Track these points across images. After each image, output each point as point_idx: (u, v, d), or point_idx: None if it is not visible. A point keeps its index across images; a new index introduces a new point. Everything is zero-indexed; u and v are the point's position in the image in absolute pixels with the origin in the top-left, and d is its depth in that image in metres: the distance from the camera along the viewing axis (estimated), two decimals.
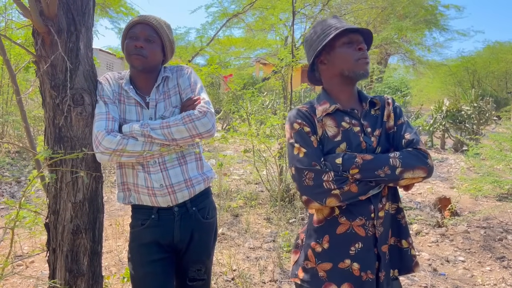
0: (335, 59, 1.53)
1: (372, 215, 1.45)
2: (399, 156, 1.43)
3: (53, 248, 1.85)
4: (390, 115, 1.57)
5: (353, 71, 1.51)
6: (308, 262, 1.51)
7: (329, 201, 1.41)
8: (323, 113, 1.52)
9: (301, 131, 1.48)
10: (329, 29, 1.53)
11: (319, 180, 1.41)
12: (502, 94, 21.47)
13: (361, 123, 1.52)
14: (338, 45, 1.52)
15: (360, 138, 1.50)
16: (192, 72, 1.90)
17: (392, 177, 1.41)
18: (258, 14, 12.19)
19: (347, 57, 1.50)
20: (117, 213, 4.85)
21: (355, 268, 1.44)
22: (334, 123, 1.51)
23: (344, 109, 1.53)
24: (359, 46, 1.50)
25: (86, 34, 1.83)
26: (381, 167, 1.41)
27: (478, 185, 5.35)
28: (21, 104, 2.12)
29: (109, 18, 13.43)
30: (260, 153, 5.23)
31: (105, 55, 17.24)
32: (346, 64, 1.51)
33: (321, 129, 1.50)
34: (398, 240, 1.55)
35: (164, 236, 1.80)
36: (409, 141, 1.50)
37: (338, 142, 1.48)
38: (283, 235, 4.00)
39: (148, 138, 1.67)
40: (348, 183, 1.40)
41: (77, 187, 1.80)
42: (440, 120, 10.61)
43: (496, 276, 3.54)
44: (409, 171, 1.41)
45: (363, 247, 1.45)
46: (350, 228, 1.45)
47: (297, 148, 1.46)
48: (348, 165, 1.41)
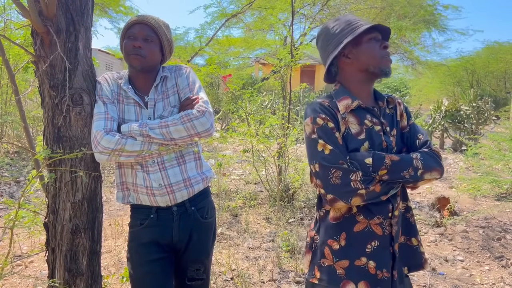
0: (361, 54, 1.50)
1: (390, 214, 1.45)
2: (420, 158, 1.44)
3: (52, 248, 1.85)
4: (403, 114, 1.58)
5: (379, 68, 1.49)
6: (325, 260, 1.49)
7: (354, 200, 1.39)
8: (346, 109, 1.48)
9: (326, 127, 1.44)
10: (355, 23, 1.51)
11: (347, 179, 1.38)
12: (501, 94, 21.49)
13: (381, 121, 1.52)
14: (365, 41, 1.49)
15: (382, 137, 1.49)
16: (191, 71, 1.90)
17: (414, 178, 1.42)
18: (257, 14, 12.19)
19: (374, 53, 1.48)
20: (117, 213, 4.85)
21: (371, 266, 1.44)
22: (356, 120, 1.49)
23: (365, 106, 1.51)
24: (384, 44, 1.49)
25: (85, 34, 1.83)
26: (407, 168, 1.41)
27: (477, 185, 5.36)
28: (20, 104, 2.12)
29: (108, 18, 13.42)
30: (259, 153, 5.23)
31: (104, 56, 17.24)
32: (373, 60, 1.49)
33: (344, 126, 1.47)
34: (408, 238, 1.56)
35: (163, 235, 1.81)
36: (423, 142, 1.52)
37: (362, 140, 1.46)
38: (282, 235, 4.00)
39: (146, 138, 1.68)
40: (374, 183, 1.40)
41: (76, 186, 1.80)
42: (439, 120, 10.63)
43: (494, 275, 3.54)
44: (428, 172, 1.44)
45: (379, 245, 1.45)
46: (367, 227, 1.45)
47: (322, 144, 1.42)
48: (378, 165, 1.39)
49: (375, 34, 1.51)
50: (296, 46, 5.79)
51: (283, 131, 5.17)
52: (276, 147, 5.23)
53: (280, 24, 9.34)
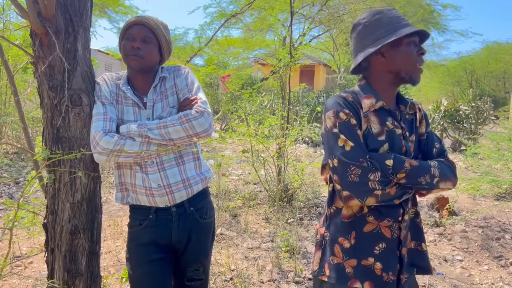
0: (397, 56, 1.46)
1: (400, 218, 1.45)
2: (438, 166, 1.44)
3: (51, 248, 1.85)
4: (422, 121, 1.57)
5: (411, 75, 1.46)
6: (334, 258, 1.48)
7: (369, 200, 1.38)
8: (370, 108, 1.46)
9: (348, 123, 1.41)
10: (399, 23, 1.46)
11: (365, 178, 1.36)
12: (500, 94, 21.53)
13: (402, 126, 1.50)
14: (405, 43, 1.46)
15: (402, 141, 1.48)
16: (189, 72, 1.90)
17: (430, 185, 1.42)
18: (256, 14, 12.20)
19: (410, 59, 1.45)
20: (116, 214, 4.85)
21: (377, 268, 1.44)
22: (378, 120, 1.47)
23: (388, 108, 1.50)
24: (422, 51, 1.46)
25: (84, 35, 1.83)
26: (424, 175, 1.41)
27: (476, 185, 5.36)
28: (19, 104, 2.12)
29: (108, 18, 13.43)
30: (258, 153, 5.24)
31: (103, 56, 17.24)
32: (407, 66, 1.46)
33: (365, 124, 1.45)
34: (418, 244, 1.55)
35: (162, 236, 1.81)
36: (441, 151, 1.53)
37: (382, 141, 1.45)
38: (281, 235, 4.01)
39: (145, 138, 1.68)
40: (391, 185, 1.39)
41: (75, 187, 1.81)
42: (438, 120, 10.63)
43: (493, 275, 3.55)
44: (443, 181, 1.44)
45: (387, 247, 1.45)
46: (377, 228, 1.45)
47: (343, 140, 1.40)
48: (398, 168, 1.39)
49: (415, 38, 1.47)
50: (296, 46, 5.80)
51: (283, 131, 5.17)
52: (276, 147, 5.24)
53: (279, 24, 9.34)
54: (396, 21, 1.46)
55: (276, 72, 5.91)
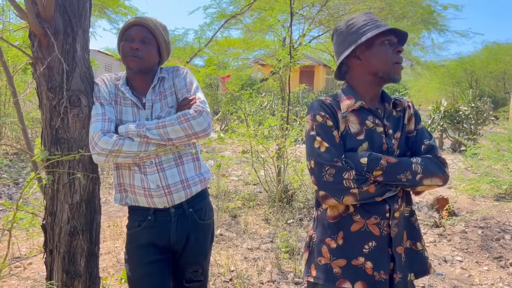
0: (372, 57, 1.49)
1: (387, 215, 1.45)
2: (421, 162, 1.43)
3: (50, 250, 1.85)
4: (411, 118, 1.57)
5: (388, 74, 1.48)
6: (322, 259, 1.49)
7: (346, 199, 1.40)
8: (348, 108, 1.49)
9: (324, 125, 1.45)
10: (371, 24, 1.49)
11: (340, 177, 1.39)
12: (500, 94, 21.53)
13: (384, 123, 1.51)
14: (378, 43, 1.48)
15: (383, 139, 1.49)
16: (188, 72, 1.90)
17: (412, 182, 1.42)
18: (256, 15, 12.20)
19: (385, 58, 1.47)
20: (116, 215, 4.85)
21: (368, 267, 1.43)
22: (357, 120, 1.49)
23: (368, 107, 1.51)
24: (398, 49, 1.47)
25: (83, 36, 1.83)
26: (404, 172, 1.41)
27: (475, 185, 5.36)
28: (18, 105, 2.12)
29: (107, 19, 13.42)
30: (258, 154, 5.23)
31: (103, 57, 17.24)
32: (383, 65, 1.48)
33: (343, 125, 1.48)
34: (413, 243, 1.55)
35: (160, 237, 1.81)
36: (429, 147, 1.51)
37: (361, 140, 1.47)
38: (281, 236, 4.00)
39: (144, 139, 1.68)
40: (368, 183, 1.40)
41: (74, 188, 1.81)
42: (438, 120, 10.63)
43: (493, 276, 3.55)
44: (428, 178, 1.43)
45: (377, 246, 1.44)
46: (364, 226, 1.45)
47: (319, 141, 1.44)
48: (373, 166, 1.40)
49: (390, 37, 1.48)
50: (295, 47, 5.79)
51: (282, 132, 5.17)
52: (275, 148, 5.24)
53: (279, 25, 9.34)
54: (369, 23, 1.49)
55: (276, 73, 5.91)
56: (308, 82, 19.78)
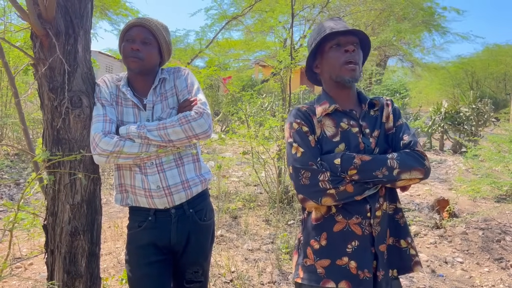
0: (325, 64, 1.56)
1: (369, 214, 1.46)
2: (397, 157, 1.44)
3: (51, 250, 1.85)
4: (389, 116, 1.58)
5: (340, 76, 1.51)
6: (307, 260, 1.52)
7: (324, 200, 1.43)
8: (322, 113, 1.53)
9: (300, 131, 1.50)
10: (321, 33, 1.54)
11: (315, 179, 1.42)
12: (501, 96, 21.52)
13: (360, 124, 1.54)
14: (327, 50, 1.53)
15: (359, 139, 1.51)
16: (189, 73, 1.91)
17: (389, 178, 1.42)
18: (257, 16, 12.22)
19: (334, 62, 1.51)
20: (116, 215, 4.85)
21: (352, 266, 1.45)
22: (333, 123, 1.53)
23: (343, 110, 1.55)
24: (345, 48, 1.49)
25: (84, 36, 1.84)
26: (379, 168, 1.42)
27: (476, 187, 5.36)
28: (20, 106, 2.13)
29: (109, 20, 13.44)
30: (258, 155, 5.24)
31: (104, 58, 17.26)
32: (333, 69, 1.52)
33: (319, 129, 1.52)
34: (396, 240, 1.55)
35: (161, 238, 1.81)
36: (407, 142, 1.51)
37: (337, 142, 1.50)
38: (281, 237, 4.01)
39: (144, 140, 1.68)
40: (344, 183, 1.42)
41: (75, 189, 1.81)
42: (439, 121, 10.63)
43: (494, 277, 3.54)
44: (406, 172, 1.43)
45: (360, 245, 1.46)
46: (346, 226, 1.47)
47: (295, 147, 1.48)
48: (346, 166, 1.42)
49: (341, 39, 1.50)
50: (296, 48, 5.80)
51: (283, 133, 5.17)
52: (276, 149, 5.24)
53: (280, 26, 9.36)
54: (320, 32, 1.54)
55: (277, 74, 5.91)
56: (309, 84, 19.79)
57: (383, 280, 1.47)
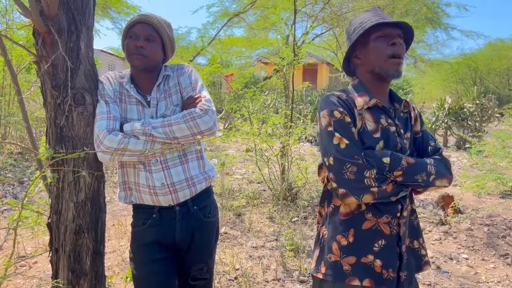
0: (369, 55, 1.49)
1: (398, 214, 1.45)
2: (434, 164, 1.44)
3: (56, 248, 1.85)
4: (417, 119, 1.58)
5: (384, 70, 1.46)
6: (332, 256, 1.48)
7: (365, 197, 1.38)
8: (363, 105, 1.47)
9: (343, 121, 1.43)
10: (365, 23, 1.48)
11: (361, 175, 1.37)
12: (505, 91, 21.43)
13: (396, 123, 1.51)
14: (372, 39, 1.47)
15: (397, 139, 1.49)
16: (193, 70, 1.89)
17: (426, 183, 1.42)
18: (259, 13, 12.16)
19: (379, 53, 1.45)
20: (120, 213, 4.85)
21: (377, 265, 1.43)
22: (372, 118, 1.48)
23: (382, 106, 1.50)
24: (392, 41, 1.44)
25: (87, 33, 1.82)
26: (420, 173, 1.41)
27: (481, 183, 5.34)
28: (22, 104, 2.12)
29: (110, 19, 13.42)
30: (262, 152, 5.22)
31: (106, 56, 17.26)
32: (377, 61, 1.46)
33: (360, 122, 1.46)
34: (411, 241, 1.55)
35: (165, 235, 1.80)
36: (435, 149, 1.52)
37: (377, 139, 1.46)
38: (285, 234, 4.00)
39: (149, 137, 1.67)
40: (387, 182, 1.39)
41: (79, 186, 1.80)
42: (443, 117, 10.59)
43: (500, 273, 3.53)
44: (439, 179, 1.44)
45: (386, 244, 1.44)
46: (376, 225, 1.45)
47: (338, 137, 1.41)
48: (395, 166, 1.39)
49: (387, 31, 1.45)
50: (299, 44, 5.77)
51: (286, 130, 5.16)
52: (279, 146, 5.22)
53: (282, 23, 9.33)
54: (365, 22, 1.48)
55: (279, 71, 5.90)
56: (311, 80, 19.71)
57: (406, 280, 1.46)
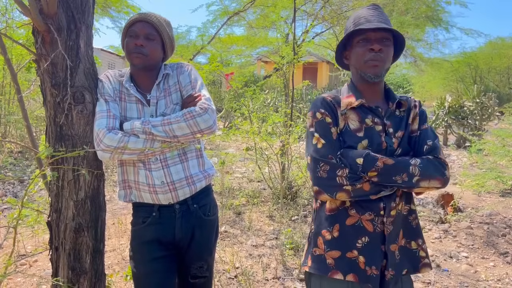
0: (352, 57, 1.53)
1: (382, 212, 1.45)
2: (419, 165, 1.42)
3: (56, 247, 1.85)
4: (416, 118, 1.56)
5: (363, 73, 1.49)
6: (317, 249, 1.52)
7: (339, 195, 1.42)
8: (347, 106, 1.50)
9: (323, 122, 1.48)
10: (355, 24, 1.49)
11: (333, 173, 1.41)
12: (505, 90, 21.40)
13: (384, 122, 1.51)
14: (355, 43, 1.50)
15: (382, 137, 1.49)
16: (193, 69, 1.90)
17: (408, 184, 1.41)
18: (259, 11, 12.14)
19: (359, 57, 1.49)
20: (120, 212, 4.85)
21: (361, 261, 1.45)
22: (357, 117, 1.50)
23: (369, 106, 1.52)
24: (371, 47, 1.45)
25: (86, 32, 1.82)
26: (400, 174, 1.40)
27: (481, 181, 5.33)
28: (22, 102, 2.12)
29: (110, 17, 13.41)
30: (262, 150, 5.22)
31: (106, 55, 17.26)
32: (358, 64, 1.50)
33: (343, 122, 1.50)
34: (408, 242, 1.54)
35: (165, 233, 1.80)
36: (430, 148, 1.49)
37: (360, 138, 1.48)
38: (285, 233, 4.00)
39: (149, 135, 1.67)
40: (362, 181, 1.41)
41: (79, 185, 1.80)
42: (443, 116, 10.59)
43: (499, 271, 3.53)
44: (425, 180, 1.42)
45: (370, 242, 1.45)
46: (359, 221, 1.46)
47: (317, 138, 1.47)
48: (368, 167, 1.40)
49: (368, 35, 1.47)
50: (299, 43, 5.77)
51: (286, 128, 5.15)
52: (279, 145, 5.22)
53: (282, 21, 9.31)
54: (353, 25, 1.50)
55: (279, 69, 5.89)
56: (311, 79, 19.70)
57: (392, 280, 1.46)
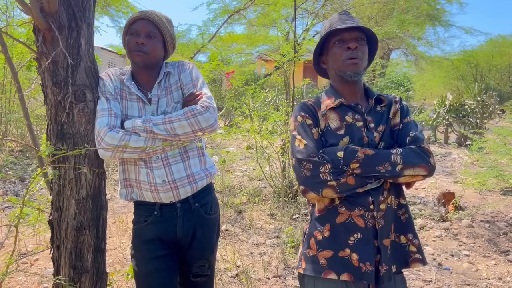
0: (330, 60, 1.58)
1: (372, 207, 1.46)
2: (401, 153, 1.45)
3: (57, 245, 1.85)
4: (397, 112, 1.59)
5: (342, 71, 1.54)
6: (310, 251, 1.53)
7: (325, 192, 1.44)
8: (327, 107, 1.56)
9: (304, 124, 1.54)
10: (328, 29, 1.56)
11: (316, 171, 1.44)
12: (506, 88, 21.36)
13: (365, 118, 1.55)
14: (331, 46, 1.56)
15: (363, 132, 1.52)
16: (194, 67, 1.89)
17: (392, 173, 1.43)
18: (260, 10, 12.12)
19: (337, 57, 1.54)
20: (121, 211, 4.86)
21: (354, 259, 1.46)
22: (337, 116, 1.55)
23: (348, 104, 1.57)
24: (347, 45, 1.51)
25: (87, 30, 1.82)
26: (382, 163, 1.43)
27: (482, 179, 5.32)
28: (23, 101, 2.11)
29: (110, 16, 13.39)
30: (263, 149, 5.22)
31: (107, 54, 17.25)
32: (336, 65, 1.55)
33: (324, 122, 1.55)
34: (397, 236, 1.56)
35: (167, 232, 1.80)
36: (413, 139, 1.51)
37: (341, 135, 1.52)
38: (286, 231, 4.00)
39: (150, 134, 1.67)
40: (345, 175, 1.43)
41: (80, 183, 1.80)
42: (443, 114, 10.57)
43: (501, 270, 3.53)
44: (409, 168, 1.43)
45: (362, 237, 1.46)
46: (349, 218, 1.48)
47: (299, 139, 1.51)
48: (349, 159, 1.43)
49: (343, 36, 1.52)
50: (299, 41, 5.75)
51: (287, 127, 5.15)
52: (280, 143, 5.22)
53: (283, 19, 9.28)
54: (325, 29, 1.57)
55: (280, 68, 5.88)
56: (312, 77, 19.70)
57: (386, 274, 1.46)
